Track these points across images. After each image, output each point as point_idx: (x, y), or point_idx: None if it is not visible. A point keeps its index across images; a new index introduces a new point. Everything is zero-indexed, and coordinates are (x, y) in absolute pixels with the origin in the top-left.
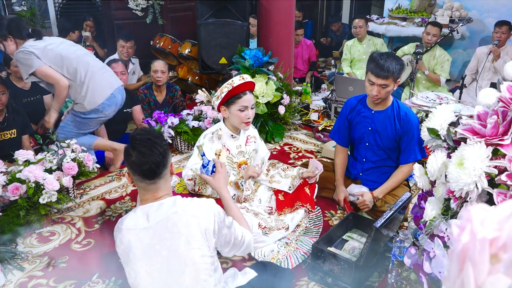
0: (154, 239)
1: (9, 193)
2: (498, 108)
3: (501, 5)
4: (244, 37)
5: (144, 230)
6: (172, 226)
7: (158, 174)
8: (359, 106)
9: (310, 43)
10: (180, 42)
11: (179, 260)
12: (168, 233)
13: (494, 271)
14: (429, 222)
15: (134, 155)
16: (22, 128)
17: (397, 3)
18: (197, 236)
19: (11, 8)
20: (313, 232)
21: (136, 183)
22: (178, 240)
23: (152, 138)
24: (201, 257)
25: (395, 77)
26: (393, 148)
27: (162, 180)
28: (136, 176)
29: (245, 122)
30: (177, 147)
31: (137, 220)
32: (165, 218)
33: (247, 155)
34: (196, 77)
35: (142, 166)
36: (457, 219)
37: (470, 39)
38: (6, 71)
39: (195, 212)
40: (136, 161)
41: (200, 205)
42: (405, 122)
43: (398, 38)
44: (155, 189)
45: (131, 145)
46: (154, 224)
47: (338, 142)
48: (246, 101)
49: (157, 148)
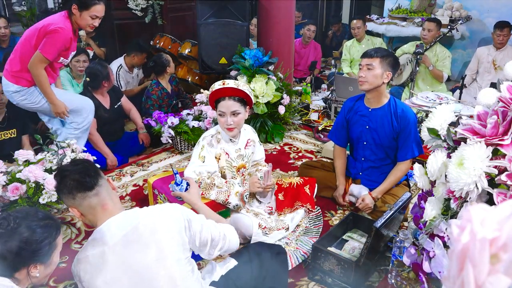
0: (121, 256)
1: (9, 193)
2: (498, 108)
3: (501, 5)
4: (244, 37)
5: (108, 249)
6: (139, 238)
7: (95, 181)
8: (357, 105)
9: (318, 46)
10: (180, 42)
11: (151, 271)
12: (136, 245)
13: (494, 271)
14: (429, 222)
15: (67, 179)
16: (22, 128)
17: (397, 3)
18: (168, 241)
19: (11, 8)
20: (313, 232)
21: (81, 206)
22: (149, 250)
23: (72, 162)
24: (176, 262)
25: (382, 60)
26: (391, 146)
27: (103, 189)
28: (76, 195)
29: (227, 128)
30: (177, 147)
31: (97, 243)
32: (129, 231)
33: (246, 158)
34: (196, 77)
35: (80, 179)
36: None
37: (470, 39)
38: None
39: (160, 217)
40: (72, 179)
41: (164, 209)
42: (402, 119)
43: (398, 38)
44: (101, 201)
45: (60, 178)
46: (118, 240)
47: (336, 142)
48: (223, 106)
49: (84, 162)
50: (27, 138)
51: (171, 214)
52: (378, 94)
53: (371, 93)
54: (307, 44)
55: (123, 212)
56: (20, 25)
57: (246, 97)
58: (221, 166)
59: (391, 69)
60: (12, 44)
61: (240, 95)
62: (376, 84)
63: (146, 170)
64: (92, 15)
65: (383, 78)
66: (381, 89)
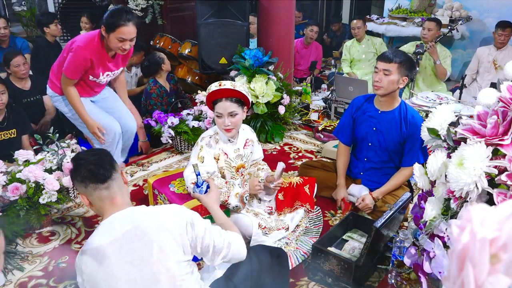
0: (122, 251)
1: (9, 193)
2: (498, 108)
3: (501, 5)
4: (244, 37)
5: (111, 244)
6: (142, 235)
7: (109, 174)
8: (366, 105)
9: (319, 47)
10: (180, 42)
11: (152, 270)
12: (138, 243)
13: (494, 271)
14: (429, 222)
15: (83, 168)
16: (22, 128)
17: (397, 3)
18: (170, 242)
19: (11, 8)
20: (313, 232)
21: (91, 196)
22: (150, 249)
23: (95, 151)
24: (176, 263)
25: (400, 66)
26: (396, 150)
27: (115, 183)
28: (89, 186)
29: (225, 129)
30: (177, 147)
31: (102, 236)
32: (133, 227)
33: (245, 158)
34: (196, 77)
35: (94, 171)
36: (457, 219)
37: (470, 39)
38: (6, 71)
39: (165, 217)
40: (86, 169)
41: (169, 209)
42: (412, 125)
43: (398, 38)
44: (111, 194)
45: (75, 165)
46: (121, 235)
47: (341, 140)
48: (220, 108)
49: (100, 153)
50: (27, 138)
51: (176, 215)
52: (390, 98)
53: (384, 96)
54: (308, 45)
55: (130, 208)
56: (20, 25)
57: (243, 97)
58: (220, 167)
59: (408, 73)
60: (12, 44)
61: (237, 96)
62: (391, 89)
63: (146, 170)
64: (118, 37)
65: (399, 84)
66: (394, 94)
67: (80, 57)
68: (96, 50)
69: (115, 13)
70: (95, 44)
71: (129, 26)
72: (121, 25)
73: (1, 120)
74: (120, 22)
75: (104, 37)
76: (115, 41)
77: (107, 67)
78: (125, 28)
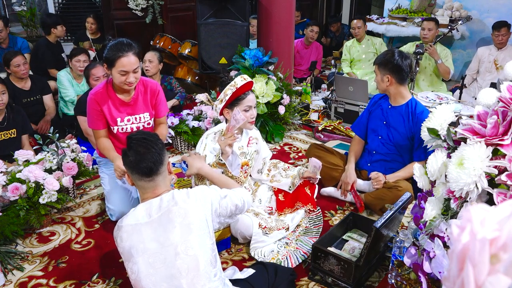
0: (156, 232)
1: (9, 193)
2: (498, 108)
3: (501, 5)
4: (244, 37)
5: (146, 224)
6: (174, 218)
7: (156, 171)
8: (382, 100)
9: (320, 47)
10: (180, 42)
11: (181, 251)
12: (170, 225)
13: (494, 271)
14: (429, 222)
15: (131, 155)
16: (22, 128)
17: (397, 3)
18: (199, 224)
19: (11, 8)
20: (313, 232)
21: (135, 182)
22: (180, 231)
23: (147, 138)
24: (203, 247)
25: (378, 66)
26: (404, 146)
27: (160, 177)
28: (134, 175)
29: (250, 121)
30: (177, 147)
31: (138, 216)
32: (166, 211)
33: (248, 156)
34: (196, 77)
35: (140, 164)
36: (457, 219)
37: (470, 39)
38: (6, 71)
39: (193, 199)
40: (133, 160)
41: (197, 192)
42: (420, 121)
43: (398, 38)
44: (154, 186)
45: (127, 146)
46: (156, 218)
47: (357, 133)
48: (250, 101)
49: (153, 146)
50: (27, 138)
51: (204, 196)
52: (395, 94)
53: (387, 93)
54: (309, 45)
55: (166, 194)
56: (20, 25)
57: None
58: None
59: (390, 73)
60: (12, 44)
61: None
62: (382, 87)
63: None
64: (119, 71)
65: (385, 82)
66: (397, 90)
67: (90, 104)
68: (104, 93)
69: (113, 47)
70: (101, 88)
71: (129, 56)
72: (120, 56)
73: (1, 120)
74: (118, 54)
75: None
76: (118, 76)
77: (126, 111)
78: (125, 59)
